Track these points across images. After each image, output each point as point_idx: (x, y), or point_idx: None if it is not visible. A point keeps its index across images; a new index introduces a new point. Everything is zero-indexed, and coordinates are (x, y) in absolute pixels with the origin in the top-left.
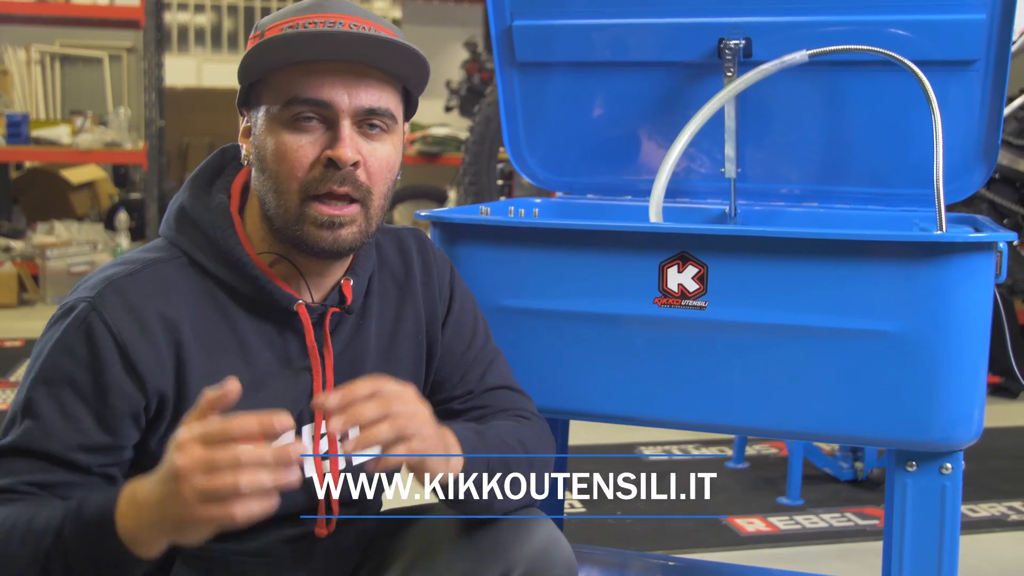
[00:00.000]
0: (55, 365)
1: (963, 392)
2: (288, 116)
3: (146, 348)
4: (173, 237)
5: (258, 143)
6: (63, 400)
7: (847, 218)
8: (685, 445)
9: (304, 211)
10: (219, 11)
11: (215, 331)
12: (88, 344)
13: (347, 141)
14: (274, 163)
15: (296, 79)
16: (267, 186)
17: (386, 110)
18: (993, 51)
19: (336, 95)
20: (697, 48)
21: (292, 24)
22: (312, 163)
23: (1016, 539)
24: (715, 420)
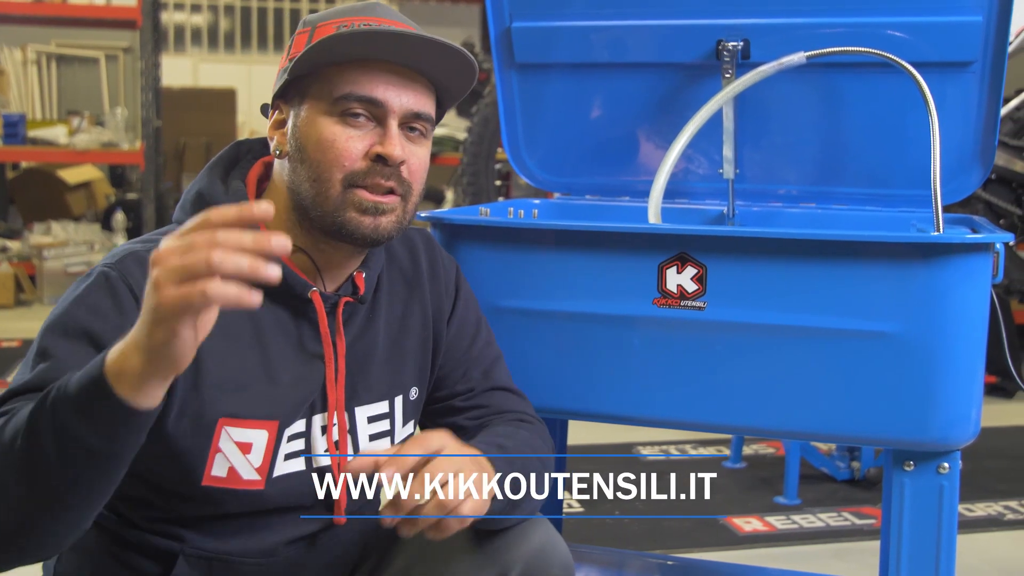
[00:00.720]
0: (73, 317)
1: (960, 392)
2: (339, 110)
3: None
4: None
5: (300, 134)
6: (78, 346)
7: (845, 219)
8: (683, 445)
9: (347, 197)
10: (216, 11)
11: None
12: (111, 296)
13: (396, 139)
14: (318, 152)
15: (351, 75)
16: (304, 175)
17: (428, 115)
18: (990, 53)
19: (389, 95)
20: (695, 50)
21: (346, 23)
22: (358, 157)
23: (1012, 538)
24: (713, 420)
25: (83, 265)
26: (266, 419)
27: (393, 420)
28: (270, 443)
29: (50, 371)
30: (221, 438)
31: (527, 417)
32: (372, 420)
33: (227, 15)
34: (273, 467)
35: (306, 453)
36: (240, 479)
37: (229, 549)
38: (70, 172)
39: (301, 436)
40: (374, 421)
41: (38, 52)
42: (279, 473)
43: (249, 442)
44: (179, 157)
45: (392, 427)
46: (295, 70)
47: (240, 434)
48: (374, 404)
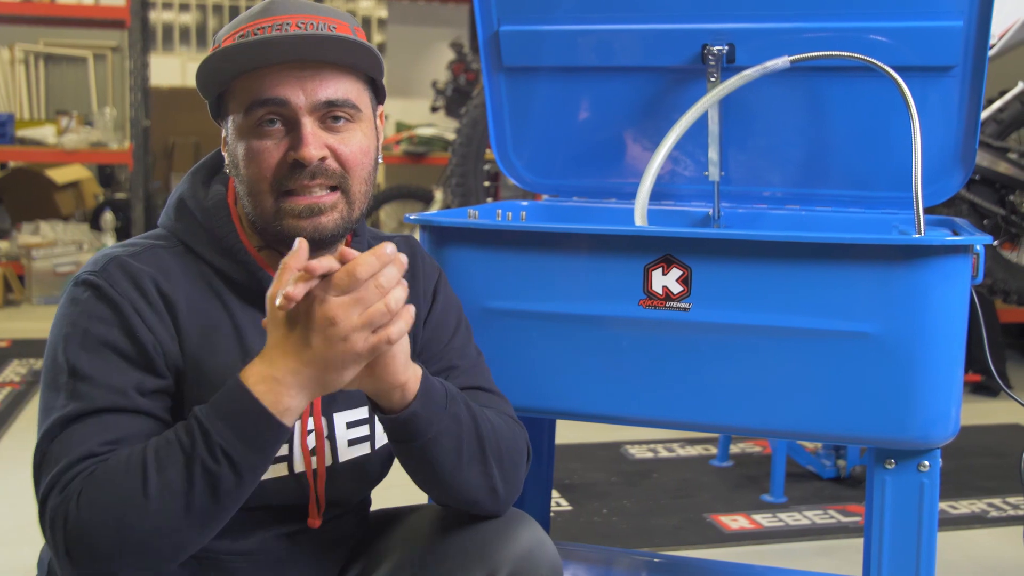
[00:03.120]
0: (86, 332)
1: (940, 391)
2: (252, 122)
3: (154, 316)
4: (171, 226)
5: (231, 151)
6: (104, 358)
7: (829, 221)
8: (671, 444)
9: (280, 206)
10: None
11: (211, 313)
12: (109, 306)
13: (309, 139)
14: (246, 168)
15: (252, 84)
16: (243, 190)
17: (345, 100)
18: (970, 57)
19: (291, 93)
20: (681, 54)
21: (243, 32)
22: (278, 164)
23: (996, 535)
24: (699, 419)
25: (72, 265)
26: None
27: (373, 426)
28: None
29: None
30: None
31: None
32: (351, 426)
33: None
34: None
35: (288, 458)
36: None
37: (216, 548)
38: (58, 172)
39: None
40: (353, 427)
41: (26, 51)
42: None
43: None
44: (168, 157)
45: (372, 432)
46: (206, 91)
47: None
48: (353, 410)
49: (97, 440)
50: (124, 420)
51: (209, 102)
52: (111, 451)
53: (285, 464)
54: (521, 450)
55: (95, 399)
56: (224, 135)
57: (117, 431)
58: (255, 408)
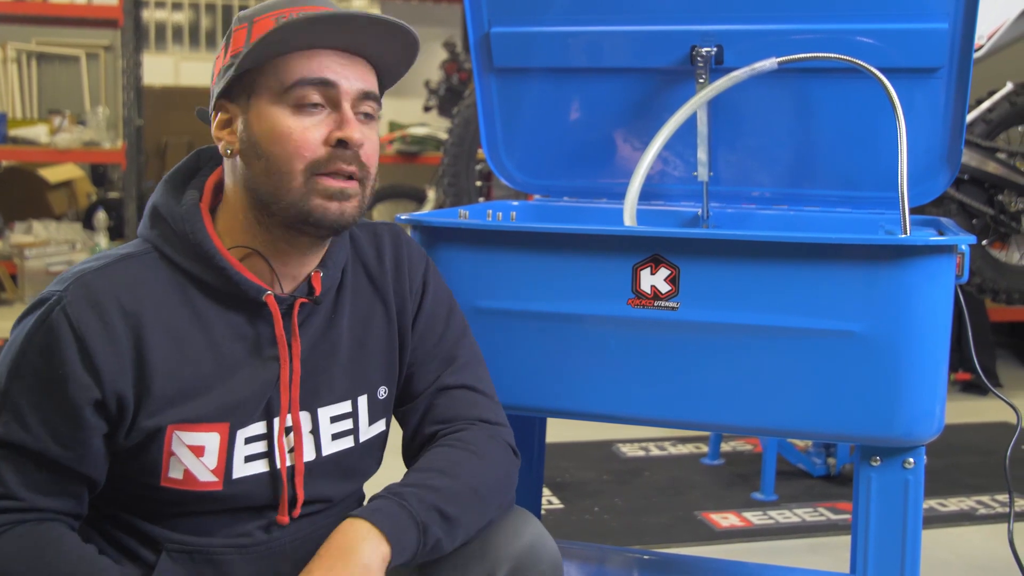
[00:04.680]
0: (24, 357)
1: (925, 390)
2: (293, 99)
3: (106, 345)
4: (146, 234)
5: (252, 130)
6: (32, 392)
7: (816, 221)
8: (662, 442)
9: (311, 185)
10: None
11: (180, 322)
12: (51, 338)
13: (354, 122)
14: (275, 145)
15: (300, 63)
16: (261, 170)
17: (376, 95)
18: (956, 59)
19: (340, 77)
20: (670, 55)
21: (283, 15)
22: (318, 144)
23: (984, 532)
24: (689, 418)
25: (64, 264)
26: (216, 422)
27: (357, 419)
28: (223, 445)
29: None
30: (172, 442)
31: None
32: (335, 420)
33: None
34: (231, 469)
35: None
36: (196, 481)
37: (207, 542)
38: (51, 171)
39: (262, 438)
40: (336, 421)
41: (18, 50)
42: (240, 475)
43: (201, 445)
44: (161, 156)
45: (356, 426)
46: (242, 65)
47: (190, 437)
48: (336, 404)
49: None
50: (35, 468)
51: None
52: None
53: (266, 460)
54: (506, 470)
55: (12, 432)
56: (228, 116)
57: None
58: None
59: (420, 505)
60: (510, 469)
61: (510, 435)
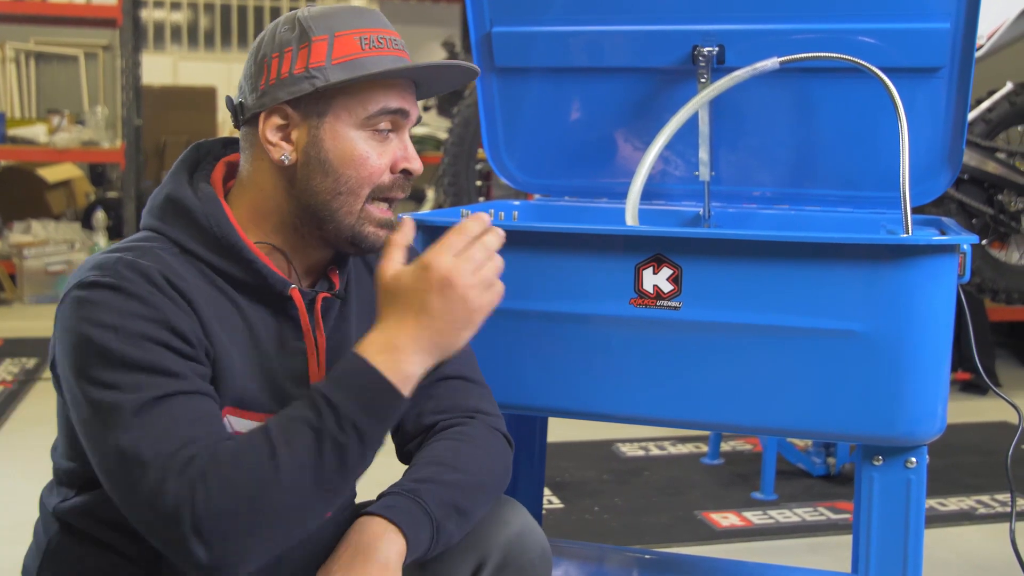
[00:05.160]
0: (121, 329)
1: (927, 389)
2: (372, 125)
3: (178, 310)
4: (160, 227)
5: (325, 147)
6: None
7: (818, 220)
8: (662, 442)
9: (366, 211)
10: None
11: (222, 307)
12: (137, 301)
13: (414, 152)
14: (349, 167)
15: (384, 91)
16: (327, 187)
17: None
18: (957, 58)
19: (411, 107)
20: (672, 55)
21: (365, 36)
22: (386, 170)
23: (984, 532)
24: (692, 417)
25: (63, 264)
26: (265, 412)
27: None
28: None
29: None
30: None
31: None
32: None
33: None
34: None
35: None
36: None
37: None
38: (50, 171)
39: None
40: None
41: (17, 50)
42: None
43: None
44: (159, 155)
45: None
46: (327, 82)
47: (241, 424)
48: None
49: (187, 425)
50: (197, 403)
51: (298, 91)
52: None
53: None
54: (504, 460)
55: (161, 386)
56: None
57: (199, 412)
58: (378, 380)
59: (434, 501)
60: (507, 459)
61: (504, 424)
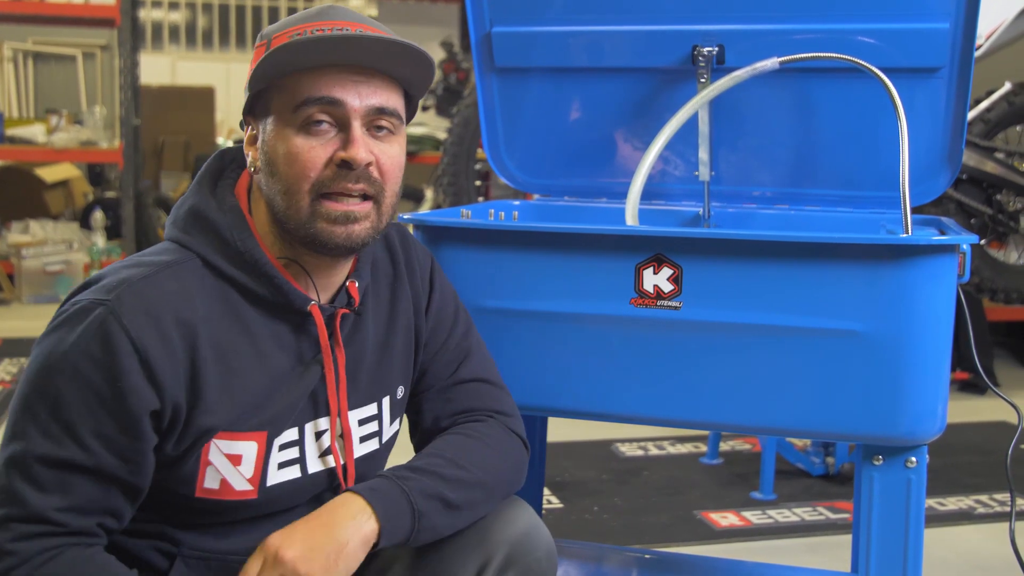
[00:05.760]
0: (76, 370)
1: (927, 389)
2: (300, 119)
3: (164, 355)
4: (184, 239)
5: (268, 149)
6: (85, 403)
7: (817, 220)
8: (661, 442)
9: (316, 208)
10: (194, 9)
11: (230, 333)
12: (106, 349)
13: (360, 142)
14: (285, 166)
15: (308, 82)
16: (276, 189)
17: (393, 110)
18: (957, 59)
19: (347, 95)
20: (671, 55)
21: (299, 32)
22: (324, 164)
23: (983, 531)
24: (692, 417)
25: (61, 264)
26: (255, 430)
27: (381, 421)
28: (260, 453)
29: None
30: (210, 451)
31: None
32: (363, 423)
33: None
34: (265, 476)
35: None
36: (232, 490)
37: (226, 548)
38: (48, 170)
39: (295, 444)
40: (364, 423)
41: (15, 50)
42: (273, 482)
43: (239, 454)
44: (158, 155)
45: (380, 427)
46: (253, 85)
47: (229, 446)
48: (364, 408)
49: (56, 500)
50: (86, 482)
51: (247, 98)
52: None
53: (297, 466)
54: (516, 462)
55: (65, 448)
56: (255, 133)
57: (77, 495)
58: None
59: (420, 491)
60: (520, 460)
61: (522, 426)
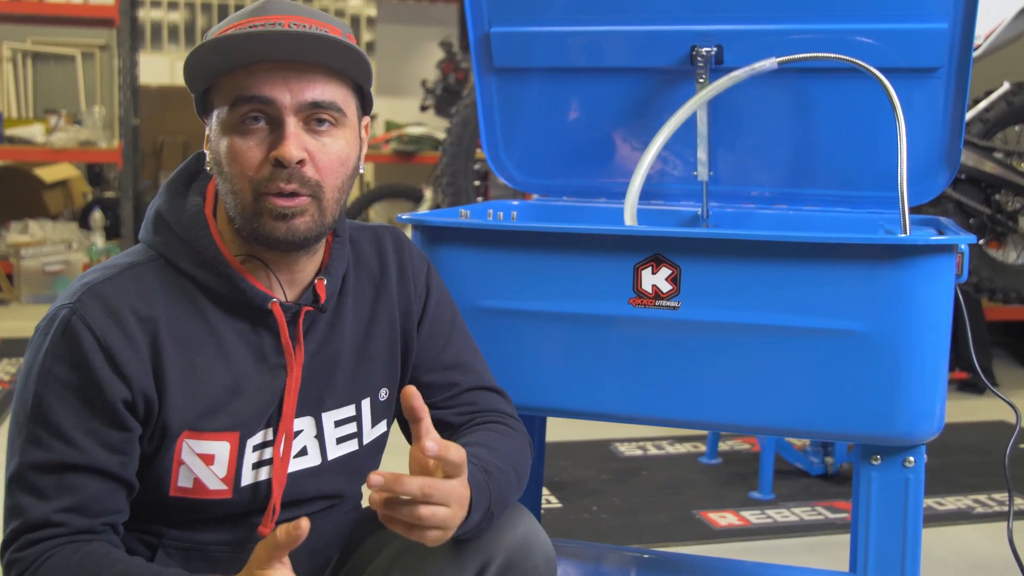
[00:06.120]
0: (50, 373)
1: (925, 388)
2: (235, 118)
3: (127, 349)
4: (150, 240)
5: (213, 148)
6: (67, 404)
7: (816, 220)
8: (660, 441)
9: (259, 204)
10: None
11: (191, 329)
12: (75, 347)
13: (291, 139)
14: (228, 165)
15: (239, 81)
16: (225, 188)
17: (331, 103)
18: (955, 59)
19: (277, 92)
20: (670, 55)
21: (236, 28)
22: (260, 163)
23: (981, 531)
24: (691, 417)
25: (61, 264)
26: (227, 430)
27: (360, 422)
28: (233, 453)
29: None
30: (183, 451)
31: (510, 421)
32: (339, 424)
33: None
34: (240, 476)
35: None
36: (206, 489)
37: (206, 539)
38: (47, 170)
39: (269, 445)
40: (341, 425)
41: (14, 50)
42: (248, 482)
43: (211, 453)
44: (157, 155)
45: (359, 429)
46: (192, 84)
47: (201, 446)
48: (340, 409)
49: (56, 503)
50: (82, 480)
51: (195, 97)
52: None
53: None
54: (527, 457)
55: (55, 451)
56: (207, 132)
57: (75, 494)
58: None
59: (499, 494)
60: (529, 461)
61: (522, 425)
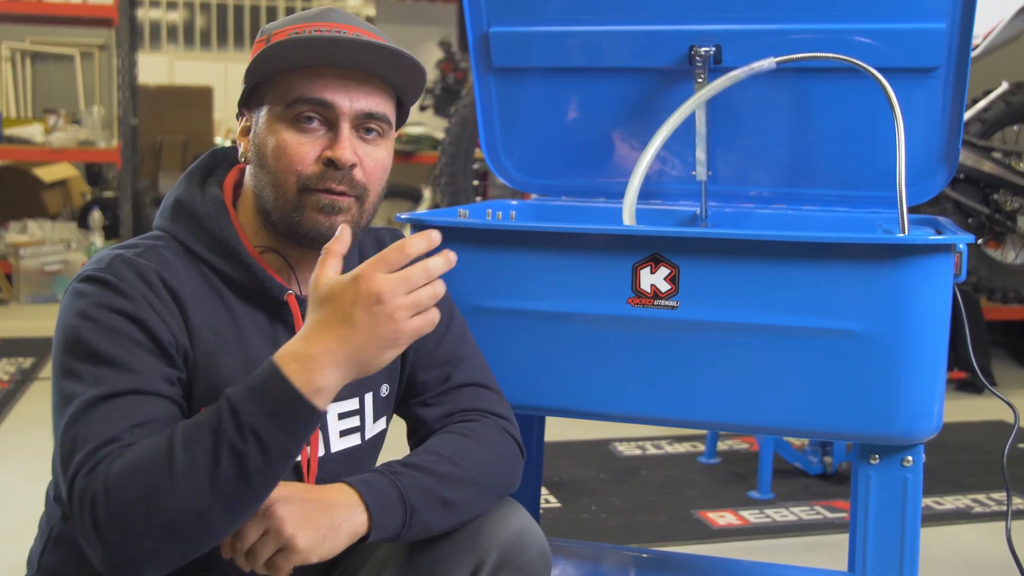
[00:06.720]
0: (100, 322)
1: (924, 388)
2: (291, 115)
3: (164, 310)
4: (168, 227)
5: (258, 140)
6: (122, 344)
7: (814, 220)
8: (658, 441)
9: (303, 199)
10: (192, 8)
11: (215, 311)
12: (121, 298)
13: (346, 143)
14: (274, 159)
15: (301, 81)
16: (265, 181)
17: (383, 115)
18: (953, 59)
19: (338, 97)
20: (669, 55)
21: (299, 30)
22: (310, 161)
23: (980, 531)
24: (690, 416)
25: (60, 264)
26: None
27: (363, 416)
28: None
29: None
30: None
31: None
32: (342, 417)
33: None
34: None
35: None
36: None
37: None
38: (46, 170)
39: None
40: (344, 418)
41: (13, 49)
42: None
43: None
44: (156, 155)
45: (362, 423)
46: (250, 78)
47: None
48: (344, 401)
49: (123, 423)
50: (147, 404)
51: (244, 90)
52: (136, 435)
53: None
54: (498, 453)
55: (118, 382)
56: (248, 124)
57: (142, 415)
58: (285, 388)
59: (413, 487)
60: (515, 464)
61: (518, 431)
